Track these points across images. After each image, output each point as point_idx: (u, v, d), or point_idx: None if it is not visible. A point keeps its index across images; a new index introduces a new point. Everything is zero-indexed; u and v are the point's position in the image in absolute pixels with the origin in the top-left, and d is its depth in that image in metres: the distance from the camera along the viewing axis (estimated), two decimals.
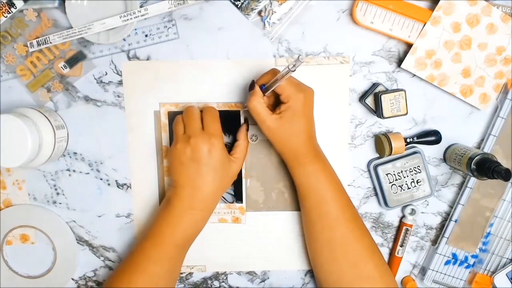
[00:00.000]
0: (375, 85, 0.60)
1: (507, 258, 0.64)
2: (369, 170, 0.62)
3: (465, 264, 0.64)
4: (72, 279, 0.66)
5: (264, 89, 0.54)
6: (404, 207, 0.63)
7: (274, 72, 0.55)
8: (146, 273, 0.55)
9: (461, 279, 0.64)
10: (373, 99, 0.60)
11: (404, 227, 0.63)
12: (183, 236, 0.57)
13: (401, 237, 0.63)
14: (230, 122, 0.61)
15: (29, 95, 0.61)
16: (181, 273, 0.66)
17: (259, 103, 0.53)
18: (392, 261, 0.64)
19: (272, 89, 0.53)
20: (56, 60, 0.60)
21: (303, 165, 0.56)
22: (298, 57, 0.46)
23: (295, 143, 0.55)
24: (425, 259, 0.65)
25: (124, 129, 0.62)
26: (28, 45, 0.58)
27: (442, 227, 0.64)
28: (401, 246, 0.63)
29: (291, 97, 0.53)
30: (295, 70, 0.47)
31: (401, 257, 0.64)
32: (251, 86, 0.55)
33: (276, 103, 0.56)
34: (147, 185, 0.63)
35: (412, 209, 0.63)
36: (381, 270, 0.56)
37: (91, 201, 0.64)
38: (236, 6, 0.58)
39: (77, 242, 0.65)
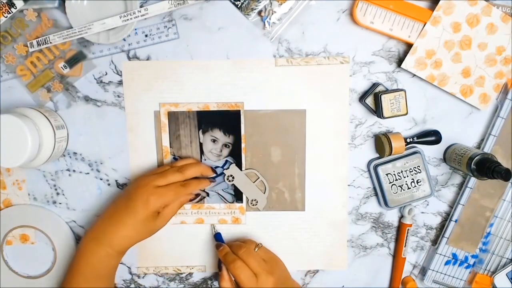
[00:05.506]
0: (375, 85, 0.60)
1: (507, 258, 0.63)
2: (369, 170, 0.62)
3: (465, 264, 0.64)
4: None
5: None
6: (402, 207, 0.63)
7: None
8: None
9: (461, 279, 0.64)
10: (373, 99, 0.60)
11: (407, 228, 0.63)
12: (88, 267, 0.56)
13: (406, 237, 0.63)
14: (230, 122, 0.61)
15: (29, 95, 0.61)
16: (181, 273, 0.66)
17: None
18: (398, 262, 0.64)
19: None
20: (56, 60, 0.59)
21: None
22: None
23: None
24: (425, 259, 0.65)
25: (124, 129, 0.62)
26: (28, 45, 0.58)
27: (442, 227, 0.64)
28: (405, 246, 0.63)
29: None
30: None
31: (405, 258, 0.64)
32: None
33: None
34: None
35: (410, 209, 0.63)
36: None
37: (91, 201, 0.64)
38: (236, 6, 0.58)
39: (77, 242, 0.65)
